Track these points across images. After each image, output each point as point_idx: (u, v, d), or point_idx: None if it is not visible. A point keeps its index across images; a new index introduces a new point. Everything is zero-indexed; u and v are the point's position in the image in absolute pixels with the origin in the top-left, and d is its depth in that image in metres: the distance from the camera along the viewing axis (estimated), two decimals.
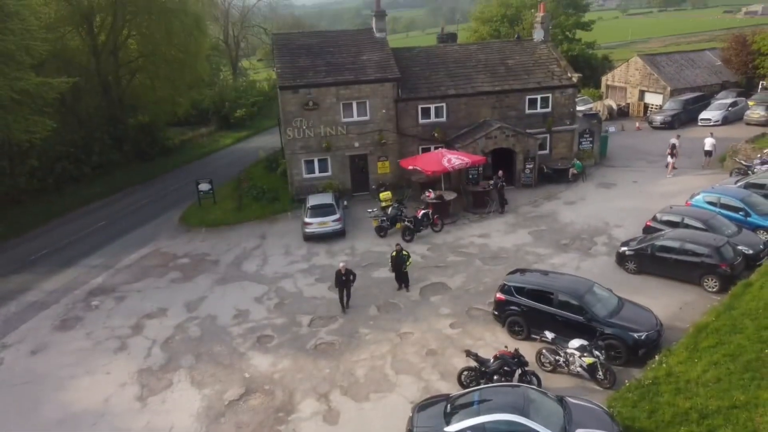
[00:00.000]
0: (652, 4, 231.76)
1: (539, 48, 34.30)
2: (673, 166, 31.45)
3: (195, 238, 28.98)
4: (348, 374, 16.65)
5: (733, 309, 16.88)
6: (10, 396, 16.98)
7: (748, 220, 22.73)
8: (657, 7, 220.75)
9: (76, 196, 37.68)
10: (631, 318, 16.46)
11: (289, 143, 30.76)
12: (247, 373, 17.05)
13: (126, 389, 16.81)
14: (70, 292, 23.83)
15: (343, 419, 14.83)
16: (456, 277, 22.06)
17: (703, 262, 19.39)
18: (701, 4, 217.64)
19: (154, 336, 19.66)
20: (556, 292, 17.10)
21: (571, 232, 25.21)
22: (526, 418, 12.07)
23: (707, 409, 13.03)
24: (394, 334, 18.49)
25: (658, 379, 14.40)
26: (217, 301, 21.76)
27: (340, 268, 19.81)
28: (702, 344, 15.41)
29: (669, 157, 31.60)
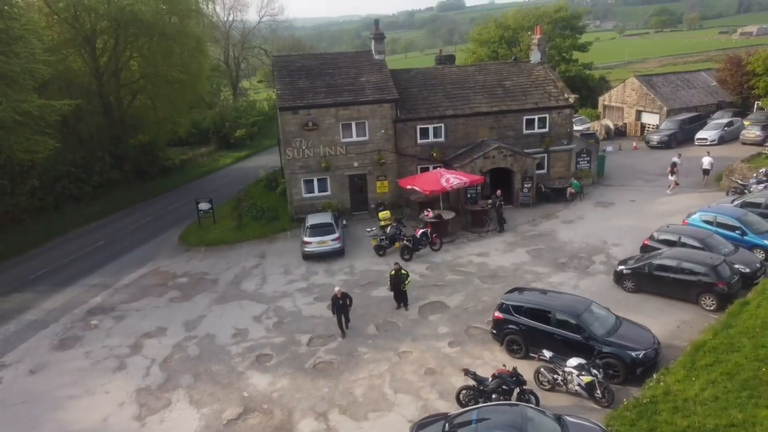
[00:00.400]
0: (648, 25, 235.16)
1: (536, 69, 34.79)
2: (675, 183, 31.73)
3: (194, 258, 29.10)
4: (346, 393, 16.67)
5: (730, 327, 16.98)
6: (8, 416, 16.98)
7: (745, 239, 22.92)
8: (653, 28, 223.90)
9: (76, 215, 37.88)
10: (628, 336, 16.55)
11: (289, 163, 31.05)
12: (245, 392, 17.07)
13: (124, 408, 16.82)
14: (70, 312, 23.89)
15: None
16: (455, 295, 22.17)
17: (701, 281, 19.52)
18: (697, 25, 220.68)
19: (153, 355, 19.70)
20: (554, 311, 17.20)
21: (569, 251, 25.37)
22: None
23: (705, 428, 13.07)
24: (392, 353, 18.55)
25: (656, 397, 14.45)
26: (215, 320, 21.83)
27: (336, 292, 19.56)
28: (699, 363, 15.49)
29: (670, 175, 31.90)
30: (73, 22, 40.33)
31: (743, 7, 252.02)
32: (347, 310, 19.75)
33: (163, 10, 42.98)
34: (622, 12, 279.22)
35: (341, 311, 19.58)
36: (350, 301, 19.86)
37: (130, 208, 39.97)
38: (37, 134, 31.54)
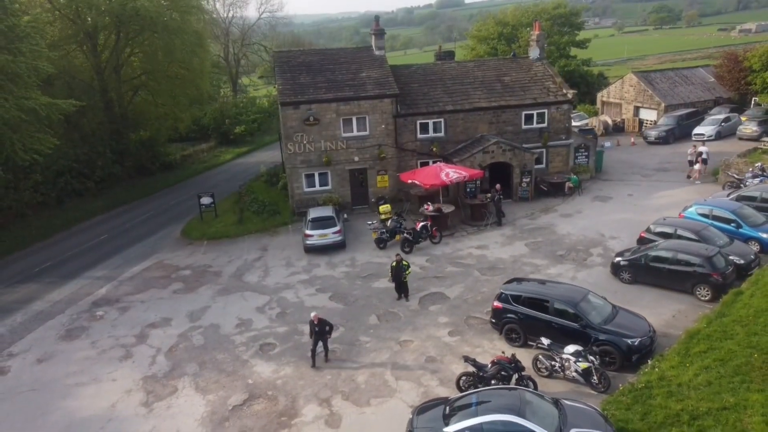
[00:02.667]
0: (647, 22, 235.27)
1: (535, 65, 35.16)
2: (700, 172, 32.15)
3: (197, 251, 29.48)
4: (349, 380, 17.08)
5: (724, 316, 17.41)
6: (17, 403, 17.37)
7: (740, 231, 23.33)
8: (652, 25, 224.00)
9: (79, 210, 38.22)
10: (624, 325, 16.97)
11: (290, 157, 31.42)
12: (250, 380, 17.47)
13: (132, 395, 17.22)
14: (75, 303, 24.27)
15: (345, 423, 15.25)
16: (454, 287, 22.57)
17: (696, 272, 19.94)
18: (696, 22, 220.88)
19: (159, 345, 20.10)
20: (552, 300, 17.62)
21: (567, 244, 25.78)
22: (522, 418, 12.53)
23: (698, 411, 13.49)
24: (393, 342, 18.95)
25: (650, 383, 14.87)
26: (219, 311, 22.23)
27: (312, 318, 17.84)
28: (693, 350, 15.91)
29: (697, 165, 32.33)
30: (74, 18, 40.63)
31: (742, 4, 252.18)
32: (325, 337, 18.01)
33: (164, 6, 43.36)
34: (621, 9, 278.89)
35: (318, 338, 17.86)
36: (330, 328, 18.06)
37: (132, 204, 40.32)
38: (39, 132, 31.91)
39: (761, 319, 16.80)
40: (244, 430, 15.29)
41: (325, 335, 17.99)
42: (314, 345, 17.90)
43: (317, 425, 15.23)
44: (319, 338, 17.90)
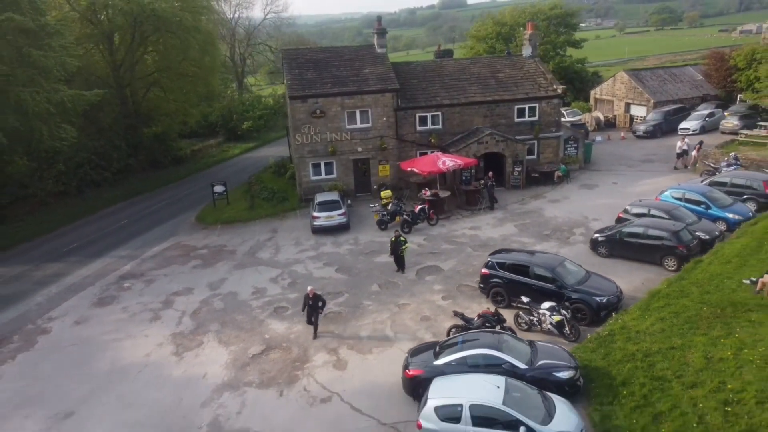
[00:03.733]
0: (649, 23, 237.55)
1: (528, 62, 37.73)
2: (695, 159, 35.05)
3: (212, 234, 32.10)
4: (354, 335, 19.66)
5: (683, 279, 19.97)
6: (63, 355, 19.99)
7: (709, 212, 25.84)
8: (654, 26, 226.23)
9: (97, 199, 40.90)
10: (595, 286, 19.54)
11: (298, 148, 34.02)
12: (266, 335, 20.07)
13: (163, 347, 19.83)
14: (103, 277, 26.90)
15: (350, 366, 17.82)
16: (448, 261, 25.14)
17: (663, 245, 22.47)
18: (697, 23, 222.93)
19: (183, 309, 22.71)
20: (532, 266, 20.20)
21: (553, 225, 28.33)
22: (499, 351, 15.11)
23: (650, 351, 16.04)
24: (393, 305, 21.52)
25: (613, 331, 17.44)
26: (236, 282, 24.84)
27: (308, 291, 19.48)
28: (653, 305, 18.47)
29: (693, 152, 35.01)
30: (92, 19, 43.35)
31: (744, 6, 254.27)
32: (317, 312, 19.48)
33: (177, 7, 46.04)
34: (623, 10, 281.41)
35: (311, 311, 19.36)
36: (323, 304, 19.61)
37: (147, 194, 42.95)
38: (64, 123, 34.58)
39: (714, 281, 19.35)
40: (263, 372, 17.87)
41: (318, 310, 19.46)
42: (308, 317, 19.55)
43: (326, 368, 17.81)
44: (312, 312, 19.39)
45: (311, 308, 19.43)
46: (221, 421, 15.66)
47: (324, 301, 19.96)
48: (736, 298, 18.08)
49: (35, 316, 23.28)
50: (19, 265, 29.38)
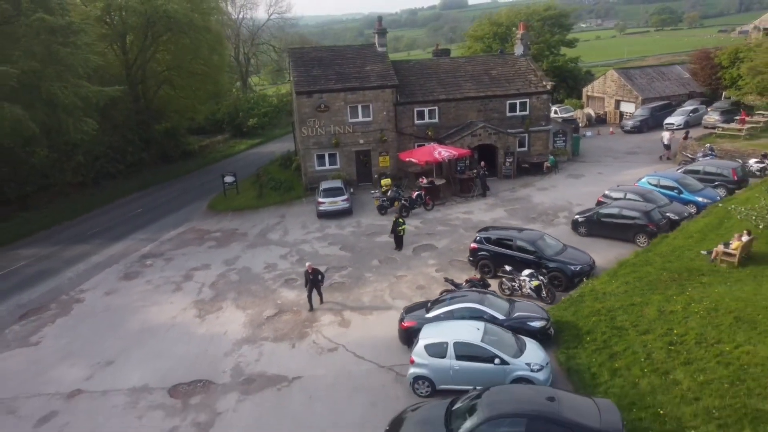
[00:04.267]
0: (649, 23, 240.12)
1: (519, 60, 40.35)
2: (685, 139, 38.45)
3: (224, 219, 34.77)
4: (356, 300, 22.28)
5: (649, 252, 22.62)
6: (97, 319, 22.63)
7: (681, 196, 28.43)
8: (654, 27, 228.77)
9: (113, 189, 43.66)
10: (570, 257, 22.14)
11: (304, 140, 36.66)
12: (278, 301, 22.69)
13: (187, 311, 22.48)
14: (126, 256, 29.55)
15: (353, 325, 20.43)
16: (442, 240, 27.75)
17: (636, 224, 25.05)
18: (697, 24, 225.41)
19: (202, 281, 25.35)
20: (515, 240, 22.81)
21: (539, 210, 30.93)
22: (481, 305, 17.71)
23: (613, 307, 18.63)
24: (392, 277, 24.13)
25: (584, 293, 20.05)
26: (249, 259, 27.48)
27: (307, 267, 21.42)
28: (620, 272, 21.10)
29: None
30: (107, 19, 46.02)
31: (744, 6, 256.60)
32: (318, 285, 21.56)
33: (188, 8, 48.69)
34: (624, 11, 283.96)
35: (312, 285, 21.40)
36: (322, 276, 21.66)
37: (159, 185, 45.68)
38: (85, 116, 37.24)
39: (676, 253, 21.97)
40: (277, 330, 20.49)
41: (318, 283, 21.54)
42: (309, 291, 21.51)
43: (332, 326, 20.42)
44: (313, 285, 21.43)
45: (312, 282, 21.51)
46: (242, 367, 18.29)
47: (322, 274, 22.06)
48: (692, 265, 20.70)
49: (68, 289, 25.93)
50: (47, 247, 32.04)
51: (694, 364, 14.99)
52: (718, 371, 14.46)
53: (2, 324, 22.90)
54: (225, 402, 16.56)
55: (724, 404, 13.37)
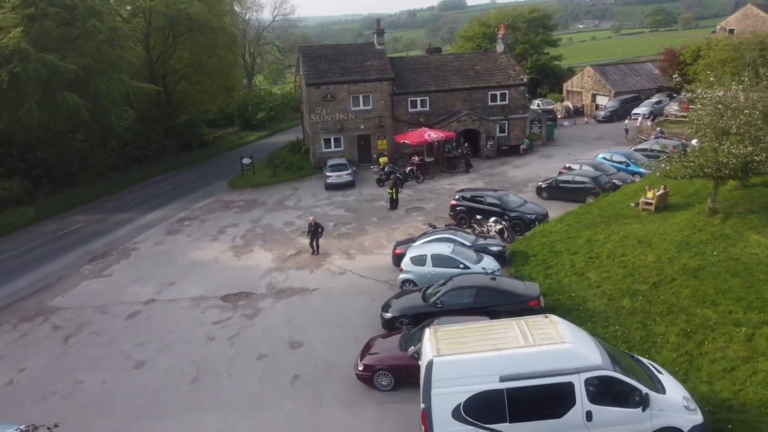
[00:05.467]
0: (644, 24, 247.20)
1: (500, 57, 46.76)
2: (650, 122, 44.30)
3: (244, 193, 41.09)
4: (360, 244, 28.58)
5: (591, 205, 28.90)
6: (154, 259, 28.93)
7: (629, 168, 34.78)
8: (648, 28, 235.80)
9: (142, 172, 49.98)
10: (528, 209, 28.51)
11: (313, 126, 43.02)
12: (297, 245, 29.00)
13: (225, 253, 28.81)
14: (166, 220, 35.84)
15: (357, 258, 26.73)
16: (429, 204, 34.08)
17: (585, 187, 31.39)
18: (692, 24, 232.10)
19: (234, 234, 31.69)
20: (485, 196, 29.18)
21: (513, 181, 37.27)
22: (453, 236, 24.05)
23: (554, 240, 24.94)
24: (388, 228, 30.44)
25: (535, 233, 26.37)
26: (270, 219, 33.82)
27: (311, 221, 27.55)
28: (565, 219, 27.39)
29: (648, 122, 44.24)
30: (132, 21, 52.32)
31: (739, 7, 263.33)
32: (318, 236, 27.31)
33: (206, 10, 55.05)
34: (620, 11, 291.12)
35: (314, 236, 27.26)
36: (321, 229, 27.46)
37: (181, 169, 52.00)
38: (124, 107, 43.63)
39: (612, 205, 28.24)
40: (298, 263, 26.80)
41: (318, 235, 27.26)
42: (311, 240, 27.41)
43: (341, 260, 26.72)
44: (314, 236, 27.39)
45: (313, 234, 27.51)
46: (274, 284, 24.61)
47: (322, 228, 27.95)
48: (621, 213, 26.98)
49: (123, 242, 32.24)
50: (96, 214, 38.35)
51: (602, 268, 21.32)
52: (617, 271, 20.78)
53: (77, 265, 29.18)
54: (263, 303, 22.89)
55: (615, 288, 19.71)
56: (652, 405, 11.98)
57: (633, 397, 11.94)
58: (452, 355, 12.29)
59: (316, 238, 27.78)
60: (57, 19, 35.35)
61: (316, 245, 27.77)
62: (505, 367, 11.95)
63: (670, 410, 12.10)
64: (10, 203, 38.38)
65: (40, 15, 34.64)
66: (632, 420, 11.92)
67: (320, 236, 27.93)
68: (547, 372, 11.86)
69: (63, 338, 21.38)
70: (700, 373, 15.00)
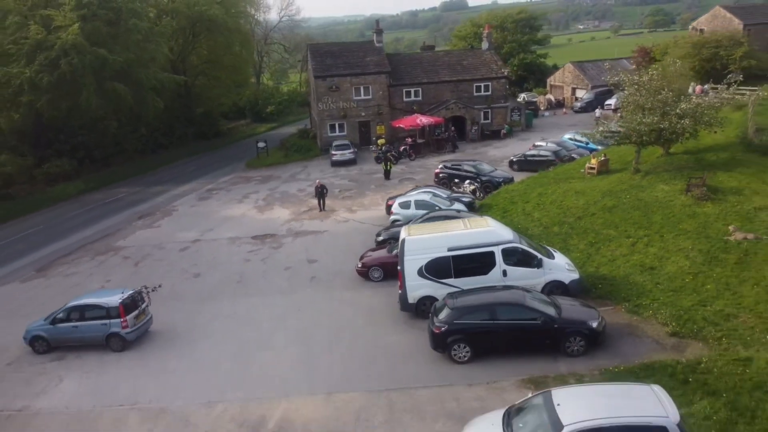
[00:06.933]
0: (643, 24, 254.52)
1: (485, 53, 54.00)
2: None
3: (261, 171, 48.38)
4: (360, 202, 35.77)
5: (549, 171, 36.06)
6: (190, 214, 36.22)
7: (588, 146, 41.93)
8: (647, 28, 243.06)
9: (166, 156, 57.43)
10: (497, 174, 35.72)
11: (320, 113, 50.29)
12: (310, 205, 36.18)
13: (250, 210, 36.07)
14: (196, 191, 43.14)
15: (358, 212, 33.90)
16: (419, 176, 41.23)
17: (548, 160, 38.52)
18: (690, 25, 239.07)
19: (256, 198, 38.96)
20: (462, 164, 36.40)
21: (492, 158, 44.36)
22: (434, 190, 31.21)
23: (514, 195, 32.07)
24: (383, 193, 37.57)
25: (500, 191, 33.52)
26: (286, 187, 41.09)
27: (317, 183, 35.46)
28: (526, 182, 34.53)
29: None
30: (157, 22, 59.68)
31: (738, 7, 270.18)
32: (324, 196, 34.52)
33: (223, 12, 62.47)
34: (620, 12, 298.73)
35: (320, 196, 34.43)
36: (326, 190, 34.52)
37: (202, 154, 59.36)
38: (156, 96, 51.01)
39: (565, 171, 35.36)
40: (311, 216, 33.99)
41: (324, 195, 34.76)
42: (318, 198, 34.59)
43: (345, 213, 33.90)
44: (320, 196, 34.72)
45: (319, 194, 34.96)
46: (292, 228, 31.81)
47: (327, 189, 35.24)
48: (571, 176, 34.09)
49: (163, 206, 39.52)
50: (134, 188, 45.69)
51: (544, 210, 28.48)
52: (554, 211, 27.93)
53: (129, 221, 36.47)
54: (285, 240, 30.10)
55: (550, 221, 26.88)
56: (544, 266, 19.14)
57: (532, 260, 19.09)
58: (418, 235, 19.47)
59: (322, 198, 34.88)
60: (105, 19, 42.67)
61: (323, 203, 34.84)
62: (451, 241, 19.10)
63: (557, 269, 19.27)
64: (61, 178, 45.72)
65: (91, 15, 41.94)
66: (532, 276, 19.04)
67: (325, 196, 35.04)
68: (477, 245, 19.01)
69: (133, 263, 28.64)
70: (594, 263, 22.19)
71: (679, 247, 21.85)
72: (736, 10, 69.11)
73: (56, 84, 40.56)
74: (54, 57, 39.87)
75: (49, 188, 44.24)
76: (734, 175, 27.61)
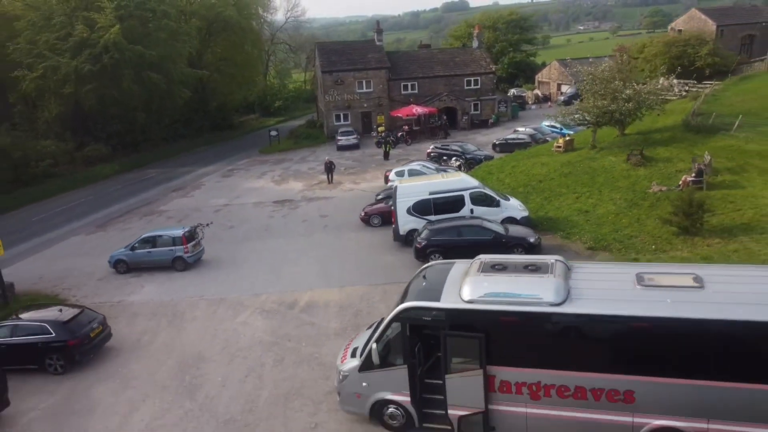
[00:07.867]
0: (642, 25, 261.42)
1: (475, 51, 60.84)
2: None
3: (274, 155, 55.20)
4: (363, 177, 42.55)
5: (524, 151, 42.78)
6: (217, 188, 43.02)
7: (562, 131, 48.70)
8: (646, 29, 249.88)
9: (186, 144, 64.30)
10: (480, 153, 42.45)
11: (327, 104, 57.15)
12: (320, 179, 42.97)
13: (269, 183, 42.88)
14: (218, 171, 50.00)
15: (361, 184, 40.66)
16: (414, 157, 47.93)
17: (525, 142, 45.31)
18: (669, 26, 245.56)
19: (272, 174, 45.78)
20: (449, 145, 43.19)
21: (479, 143, 51.14)
22: (424, 163, 38.01)
23: (493, 168, 38.83)
24: (383, 168, 44.29)
25: (482, 166, 40.25)
26: (298, 166, 47.92)
27: (326, 159, 43.09)
28: (504, 159, 41.28)
29: None
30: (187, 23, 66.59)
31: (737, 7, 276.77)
32: (332, 171, 41.64)
33: (237, 13, 69.35)
34: (620, 13, 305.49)
35: (329, 170, 41.35)
36: (334, 165, 41.87)
37: (218, 144, 66.27)
38: None
39: (537, 151, 42.07)
40: (321, 187, 40.76)
41: (332, 170, 41.82)
42: (327, 173, 41.61)
43: (350, 184, 40.66)
44: (328, 171, 41.63)
45: (328, 169, 41.84)
46: (306, 196, 38.60)
47: (335, 165, 42.36)
48: (542, 153, 40.87)
49: (192, 182, 46.34)
50: (162, 169, 52.54)
51: (514, 177, 35.21)
52: (521, 178, 34.69)
53: (165, 192, 43.28)
54: (300, 204, 36.88)
55: (517, 184, 33.63)
56: (502, 206, 25.92)
57: (492, 201, 25.87)
58: (407, 183, 26.28)
59: (331, 172, 41.69)
60: (140, 19, 49.62)
61: (331, 177, 41.65)
62: (431, 187, 25.87)
63: (511, 209, 26.08)
64: (98, 160, 52.57)
65: (127, 16, 48.88)
66: (492, 213, 25.76)
67: (333, 171, 41.87)
68: (451, 189, 25.79)
69: (177, 220, 35.43)
70: (545, 210, 28.97)
71: (610, 198, 28.62)
72: (710, 12, 75.98)
73: (98, 74, 47.46)
74: (97, 53, 46.77)
75: (88, 169, 51.06)
76: (669, 149, 34.30)
